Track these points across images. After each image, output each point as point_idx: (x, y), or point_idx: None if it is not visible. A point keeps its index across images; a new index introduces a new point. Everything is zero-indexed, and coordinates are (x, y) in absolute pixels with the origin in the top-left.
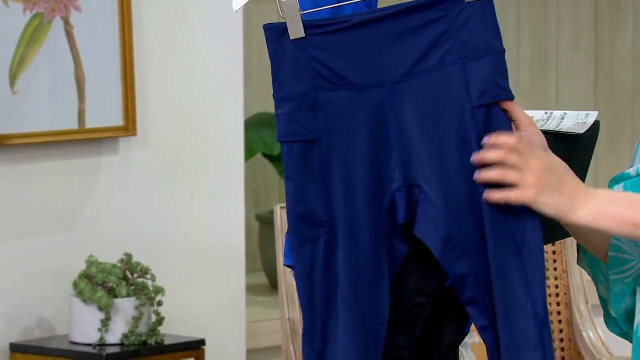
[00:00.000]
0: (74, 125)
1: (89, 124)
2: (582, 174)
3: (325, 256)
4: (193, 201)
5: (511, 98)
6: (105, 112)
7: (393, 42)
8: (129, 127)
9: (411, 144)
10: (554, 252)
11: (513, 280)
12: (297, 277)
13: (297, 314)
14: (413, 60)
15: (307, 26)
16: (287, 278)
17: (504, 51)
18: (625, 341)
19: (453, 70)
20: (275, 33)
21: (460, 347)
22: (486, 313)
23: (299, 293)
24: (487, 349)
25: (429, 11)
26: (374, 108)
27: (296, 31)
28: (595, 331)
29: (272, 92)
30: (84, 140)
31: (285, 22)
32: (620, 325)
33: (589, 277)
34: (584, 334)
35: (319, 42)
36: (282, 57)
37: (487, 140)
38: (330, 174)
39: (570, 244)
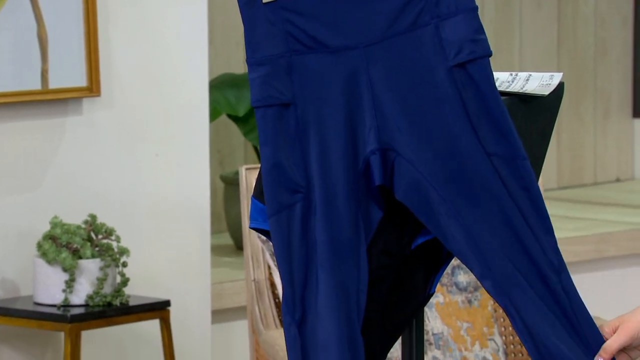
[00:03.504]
0: (37, 85)
1: (52, 84)
2: (546, 134)
3: (302, 222)
4: (157, 162)
5: (489, 54)
6: (68, 72)
7: (366, 3)
8: (93, 87)
9: (386, 106)
10: None
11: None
12: (275, 245)
13: (262, 275)
14: (386, 22)
15: None
16: (252, 239)
17: (476, 8)
18: None
19: (427, 31)
20: None
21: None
22: (493, 282)
23: (277, 261)
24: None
25: None
26: (348, 71)
27: None
28: None
29: (245, 57)
30: (48, 100)
31: None
32: None
33: None
34: None
35: (292, 4)
36: (254, 21)
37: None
38: (306, 137)
39: None
